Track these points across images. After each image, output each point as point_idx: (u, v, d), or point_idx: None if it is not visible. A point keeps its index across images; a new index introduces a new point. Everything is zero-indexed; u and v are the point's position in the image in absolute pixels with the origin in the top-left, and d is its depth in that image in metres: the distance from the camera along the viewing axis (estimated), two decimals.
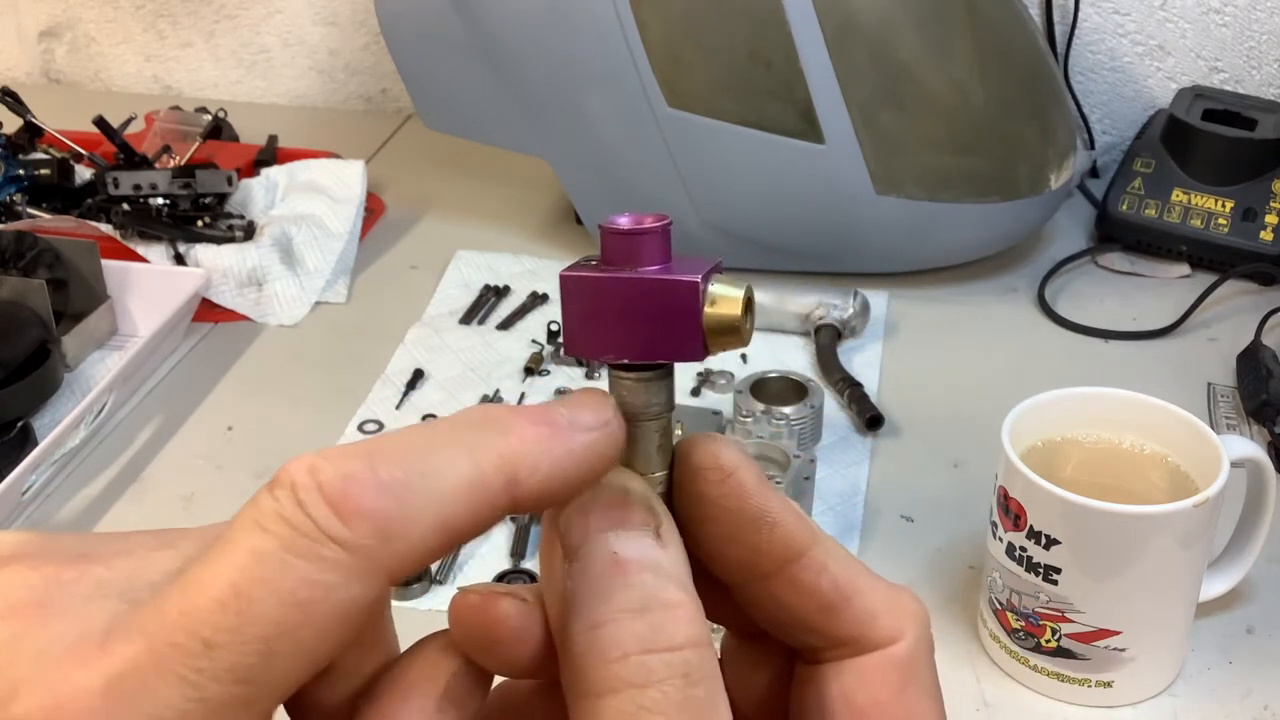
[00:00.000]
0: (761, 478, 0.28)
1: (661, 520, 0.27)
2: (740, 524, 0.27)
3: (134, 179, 1.06)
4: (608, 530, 0.26)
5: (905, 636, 0.28)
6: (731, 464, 0.27)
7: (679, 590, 0.25)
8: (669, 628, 0.25)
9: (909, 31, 1.00)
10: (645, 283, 0.27)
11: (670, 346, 0.27)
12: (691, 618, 0.25)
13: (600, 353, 0.28)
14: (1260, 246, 1.07)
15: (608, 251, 0.28)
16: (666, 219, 0.28)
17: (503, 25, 1.02)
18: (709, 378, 0.94)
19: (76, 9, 1.48)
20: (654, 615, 0.25)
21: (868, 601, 0.28)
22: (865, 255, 1.05)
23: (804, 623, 0.28)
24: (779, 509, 0.28)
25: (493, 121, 1.06)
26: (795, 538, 0.28)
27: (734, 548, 0.28)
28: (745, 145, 0.99)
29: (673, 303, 0.27)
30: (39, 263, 0.95)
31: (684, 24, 0.99)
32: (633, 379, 0.28)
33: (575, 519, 0.26)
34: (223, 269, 1.02)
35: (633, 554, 0.26)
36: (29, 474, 0.79)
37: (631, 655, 0.24)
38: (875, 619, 0.28)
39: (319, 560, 0.22)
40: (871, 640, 0.28)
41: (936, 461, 0.87)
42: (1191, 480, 0.68)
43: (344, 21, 1.42)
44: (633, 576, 0.25)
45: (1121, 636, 0.66)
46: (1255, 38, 1.22)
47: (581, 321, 0.28)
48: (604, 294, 0.27)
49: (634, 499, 0.27)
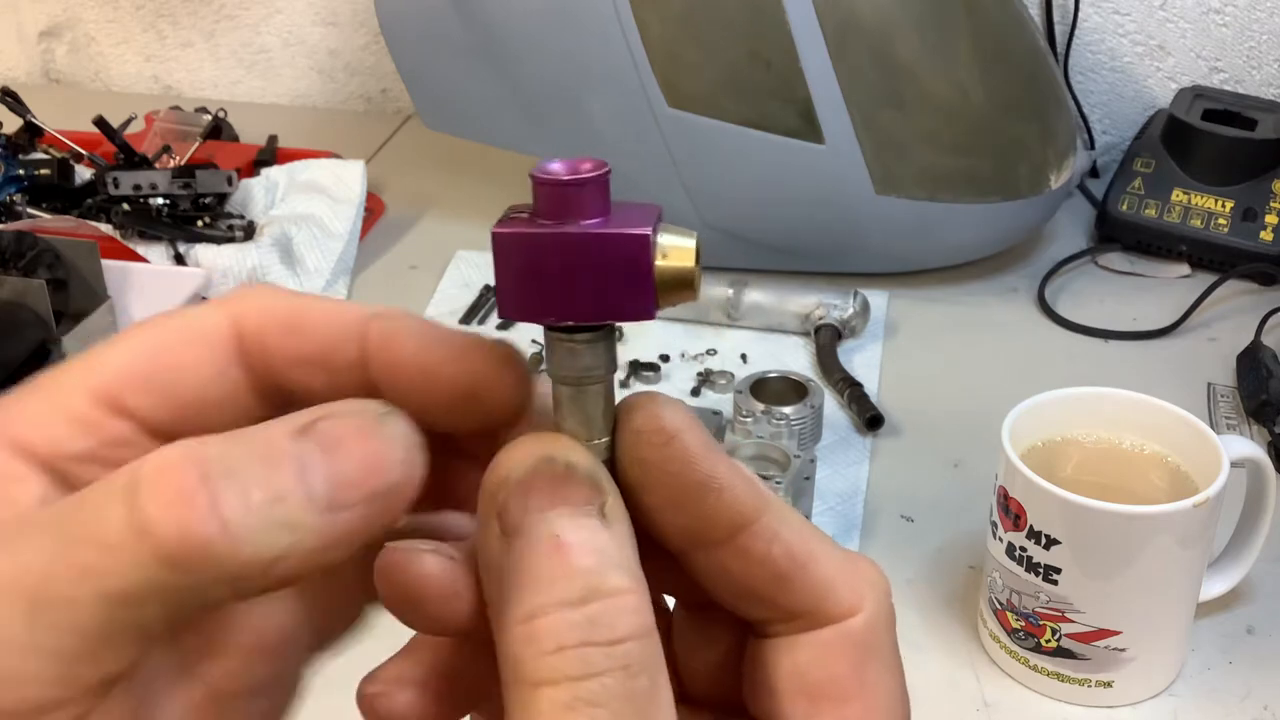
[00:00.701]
0: (707, 440, 0.26)
1: (607, 496, 0.25)
2: (685, 490, 0.26)
3: (134, 179, 1.06)
4: (549, 509, 0.24)
5: (863, 608, 0.27)
6: (674, 426, 0.26)
7: (623, 576, 0.24)
8: (611, 619, 0.23)
9: (909, 31, 1.00)
10: (591, 237, 0.25)
11: (619, 304, 0.25)
12: (635, 606, 0.24)
13: (541, 315, 0.25)
14: (1260, 246, 1.07)
15: (543, 203, 0.25)
16: (606, 165, 0.25)
17: (503, 25, 1.02)
18: (709, 377, 0.94)
19: (76, 9, 1.48)
20: (596, 606, 0.23)
21: (823, 571, 0.26)
22: (865, 255, 1.05)
23: (755, 593, 0.26)
24: (726, 474, 0.26)
25: (493, 121, 1.06)
26: (744, 504, 0.26)
27: (679, 515, 0.26)
28: (745, 145, 0.99)
29: (622, 257, 0.25)
30: (39, 263, 0.95)
31: (684, 24, 0.99)
32: (576, 341, 0.26)
33: (514, 495, 0.24)
34: (223, 269, 1.02)
35: (575, 537, 0.24)
36: None
37: (570, 649, 0.23)
38: (831, 589, 0.26)
39: None
40: (827, 612, 0.26)
41: (936, 461, 0.87)
42: (1191, 480, 0.68)
43: (344, 21, 1.42)
44: (574, 562, 0.24)
45: (1121, 636, 0.66)
46: (1255, 38, 1.22)
47: (520, 282, 0.25)
48: (545, 251, 0.25)
49: (578, 474, 0.25)
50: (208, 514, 0.21)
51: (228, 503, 0.21)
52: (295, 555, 0.22)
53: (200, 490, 0.21)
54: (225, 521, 0.21)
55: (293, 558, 0.22)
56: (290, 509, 0.22)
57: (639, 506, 0.26)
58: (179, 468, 0.21)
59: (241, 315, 0.25)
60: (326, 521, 0.22)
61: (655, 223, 0.25)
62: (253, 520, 0.21)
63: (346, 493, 0.23)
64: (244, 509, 0.21)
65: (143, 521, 0.21)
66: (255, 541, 0.21)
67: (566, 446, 0.25)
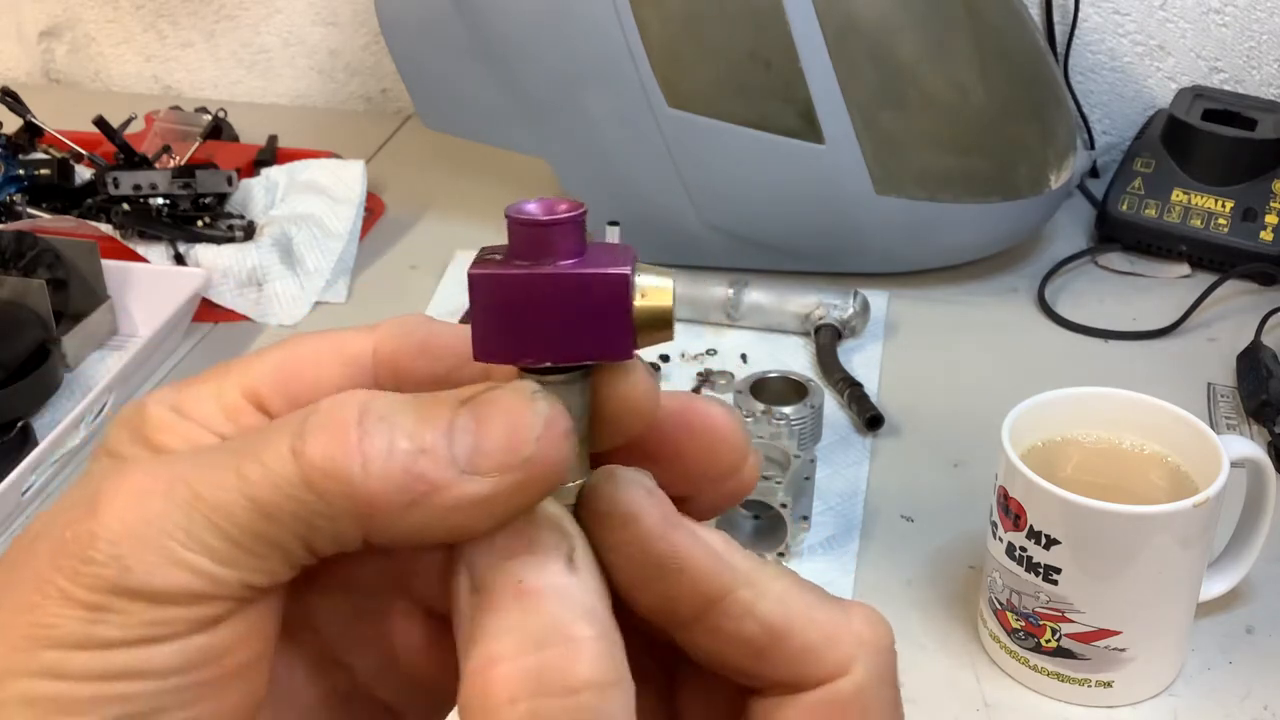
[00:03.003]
0: (669, 517, 0.25)
1: (575, 544, 0.24)
2: (644, 571, 0.25)
3: (134, 179, 1.06)
4: (513, 557, 0.24)
5: (852, 670, 0.25)
6: (630, 509, 0.25)
7: (587, 624, 0.23)
8: (566, 667, 0.22)
9: (909, 31, 1.00)
10: (571, 277, 0.25)
11: (598, 344, 0.25)
12: (596, 654, 0.23)
13: (519, 357, 0.25)
14: (1260, 246, 1.07)
15: (519, 243, 0.25)
16: (582, 206, 0.25)
17: (503, 25, 1.02)
18: (709, 378, 0.95)
19: (76, 9, 1.48)
20: (551, 653, 0.23)
21: (805, 637, 0.25)
22: (865, 255, 1.05)
23: (733, 669, 0.26)
24: (687, 553, 0.25)
25: (493, 121, 1.06)
26: (710, 582, 0.25)
27: (645, 596, 0.25)
28: (745, 145, 0.99)
29: (602, 297, 0.25)
30: (39, 263, 0.95)
31: (684, 24, 0.99)
32: (552, 382, 0.25)
33: (479, 547, 0.24)
34: (223, 269, 1.02)
35: (538, 581, 0.23)
36: (29, 474, 0.79)
37: (522, 700, 0.22)
38: (813, 656, 0.25)
39: None
40: (812, 678, 0.25)
41: (936, 461, 0.87)
42: (1191, 480, 0.68)
43: (344, 21, 1.42)
44: (533, 606, 0.23)
45: (1121, 636, 0.66)
46: (1255, 38, 1.22)
47: (497, 323, 0.25)
48: (524, 292, 0.25)
49: (542, 520, 0.24)
50: (353, 448, 0.23)
51: (373, 443, 0.23)
52: (426, 508, 0.23)
53: (353, 427, 0.23)
54: (366, 458, 0.23)
55: (424, 509, 0.23)
56: (430, 463, 0.23)
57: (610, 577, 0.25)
58: (343, 406, 0.24)
59: (382, 338, 0.27)
60: (462, 482, 0.23)
61: (632, 263, 0.25)
62: (392, 465, 0.23)
63: (484, 460, 0.24)
64: (386, 452, 0.23)
65: (300, 447, 0.23)
66: (390, 483, 0.23)
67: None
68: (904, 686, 0.29)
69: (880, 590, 0.76)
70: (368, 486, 0.23)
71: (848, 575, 0.77)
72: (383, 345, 0.27)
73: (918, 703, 0.69)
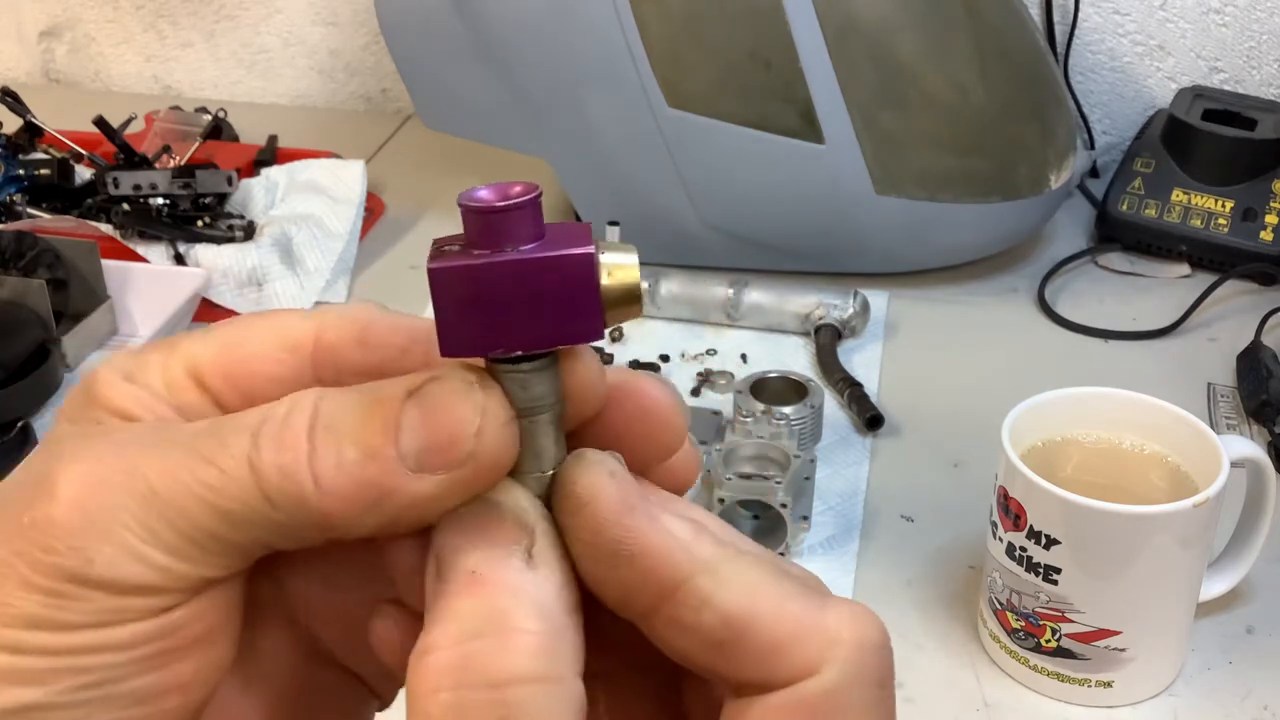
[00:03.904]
0: (627, 501, 0.24)
1: (536, 537, 0.24)
2: (598, 558, 0.24)
3: (134, 179, 1.06)
4: (473, 548, 0.24)
5: (821, 670, 0.23)
6: (589, 490, 0.24)
7: (533, 618, 0.23)
8: (494, 661, 0.22)
9: (909, 31, 1.00)
10: (535, 261, 0.24)
11: (567, 328, 0.24)
12: (533, 650, 0.22)
13: (489, 348, 0.24)
14: (1260, 246, 1.07)
15: (476, 232, 0.24)
16: (537, 187, 0.24)
17: (503, 25, 1.02)
18: (709, 378, 0.95)
19: (76, 9, 1.48)
20: (481, 644, 0.22)
21: (770, 633, 0.24)
22: (865, 255, 1.05)
23: (693, 662, 0.24)
24: (643, 538, 0.24)
25: (493, 121, 1.06)
26: (665, 570, 0.24)
27: (605, 585, 0.24)
28: (745, 145, 0.99)
29: (569, 279, 0.24)
30: (39, 263, 0.95)
31: (684, 24, 0.99)
32: (524, 371, 0.25)
33: (443, 534, 0.24)
34: (223, 269, 1.02)
35: (489, 573, 0.23)
36: None
37: (444, 690, 0.22)
38: (779, 653, 0.24)
39: None
40: (777, 677, 0.24)
41: (936, 461, 0.87)
42: (1191, 480, 0.68)
43: (344, 21, 1.42)
44: (480, 598, 0.23)
45: (1121, 636, 0.66)
46: (1255, 38, 1.22)
47: (461, 317, 0.24)
48: (488, 281, 0.24)
49: (504, 512, 0.24)
50: (304, 466, 0.24)
51: (323, 460, 0.24)
52: (380, 511, 0.24)
53: (304, 441, 0.24)
54: (318, 475, 0.24)
55: (378, 512, 0.24)
56: (379, 469, 0.24)
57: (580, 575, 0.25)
58: (295, 416, 0.24)
59: (324, 327, 0.27)
60: (412, 482, 0.24)
61: (594, 241, 0.24)
62: (343, 478, 0.24)
63: (431, 458, 0.24)
64: (335, 466, 0.24)
65: (257, 460, 0.24)
66: (343, 495, 0.24)
67: (501, 486, 0.25)
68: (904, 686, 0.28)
69: (880, 590, 0.76)
70: (322, 503, 0.24)
71: (848, 575, 0.77)
72: (324, 334, 0.27)
73: (918, 703, 0.69)
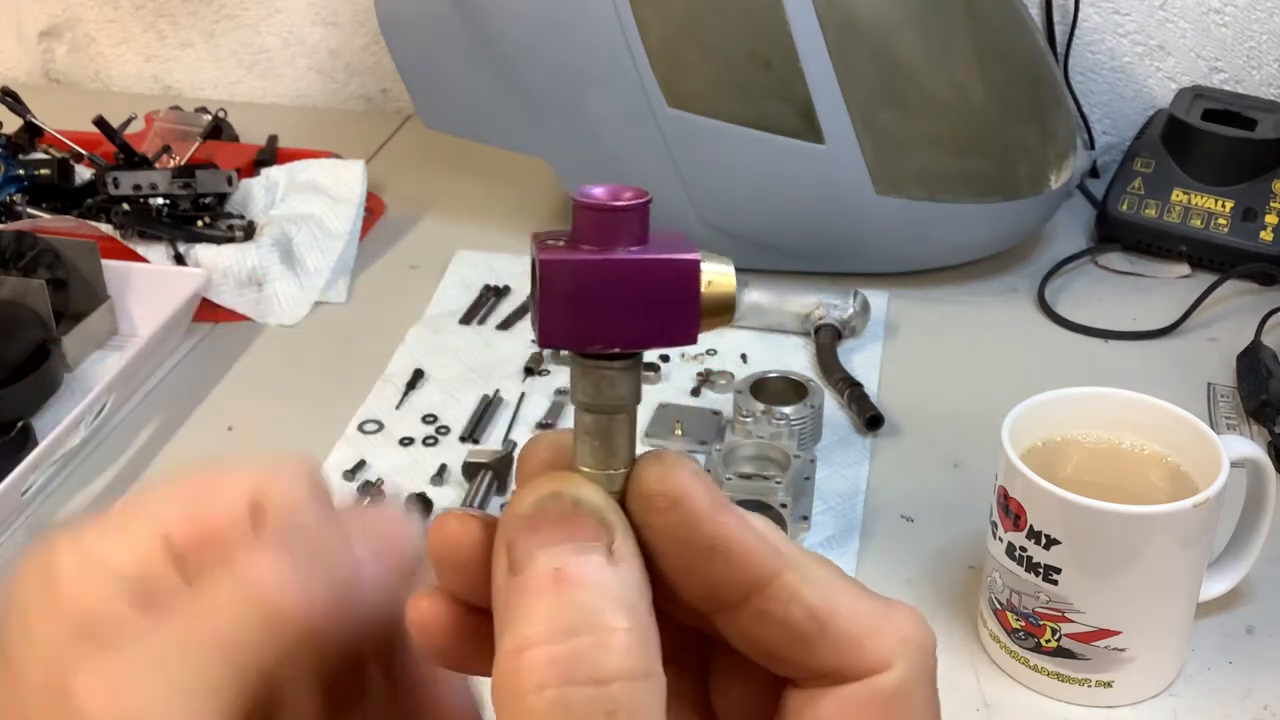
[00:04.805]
0: (715, 498, 0.25)
1: (616, 534, 0.25)
2: (692, 555, 0.25)
3: (134, 179, 1.06)
4: (553, 545, 0.24)
5: (894, 665, 0.25)
6: (679, 490, 0.25)
7: (622, 615, 0.23)
8: (597, 657, 0.22)
9: (909, 31, 1.00)
10: (644, 263, 0.25)
11: (664, 330, 0.25)
12: (628, 646, 0.23)
13: (587, 342, 0.25)
14: (1260, 246, 1.07)
15: (586, 228, 0.25)
16: (647, 194, 0.25)
17: (503, 25, 1.02)
18: (709, 378, 0.94)
19: (76, 9, 1.48)
20: (582, 641, 0.23)
21: (849, 627, 0.25)
22: (865, 255, 1.05)
23: (776, 655, 0.26)
24: (736, 534, 0.25)
25: (493, 121, 1.06)
26: (757, 565, 0.25)
27: (690, 580, 0.25)
28: (745, 145, 0.99)
29: (673, 283, 0.25)
30: (39, 263, 0.95)
31: (684, 24, 0.99)
32: (614, 369, 0.25)
33: (521, 530, 0.24)
34: (223, 269, 1.02)
35: (576, 572, 0.24)
36: (29, 474, 0.79)
37: (549, 688, 0.22)
38: (857, 647, 0.25)
39: None
40: (854, 669, 0.25)
41: (936, 461, 0.87)
42: (1191, 480, 0.68)
43: (344, 21, 1.42)
44: (569, 595, 0.23)
45: (1121, 636, 0.66)
46: (1255, 38, 1.22)
47: (566, 309, 0.25)
48: (597, 278, 0.24)
49: (584, 510, 0.25)
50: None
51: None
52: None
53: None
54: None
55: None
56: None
57: (652, 565, 0.25)
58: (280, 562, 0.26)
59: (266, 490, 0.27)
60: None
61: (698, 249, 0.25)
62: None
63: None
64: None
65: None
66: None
67: (576, 483, 0.25)
68: None
69: (880, 590, 0.75)
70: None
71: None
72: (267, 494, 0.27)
73: None
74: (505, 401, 0.93)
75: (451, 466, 0.85)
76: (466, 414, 0.91)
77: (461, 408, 0.92)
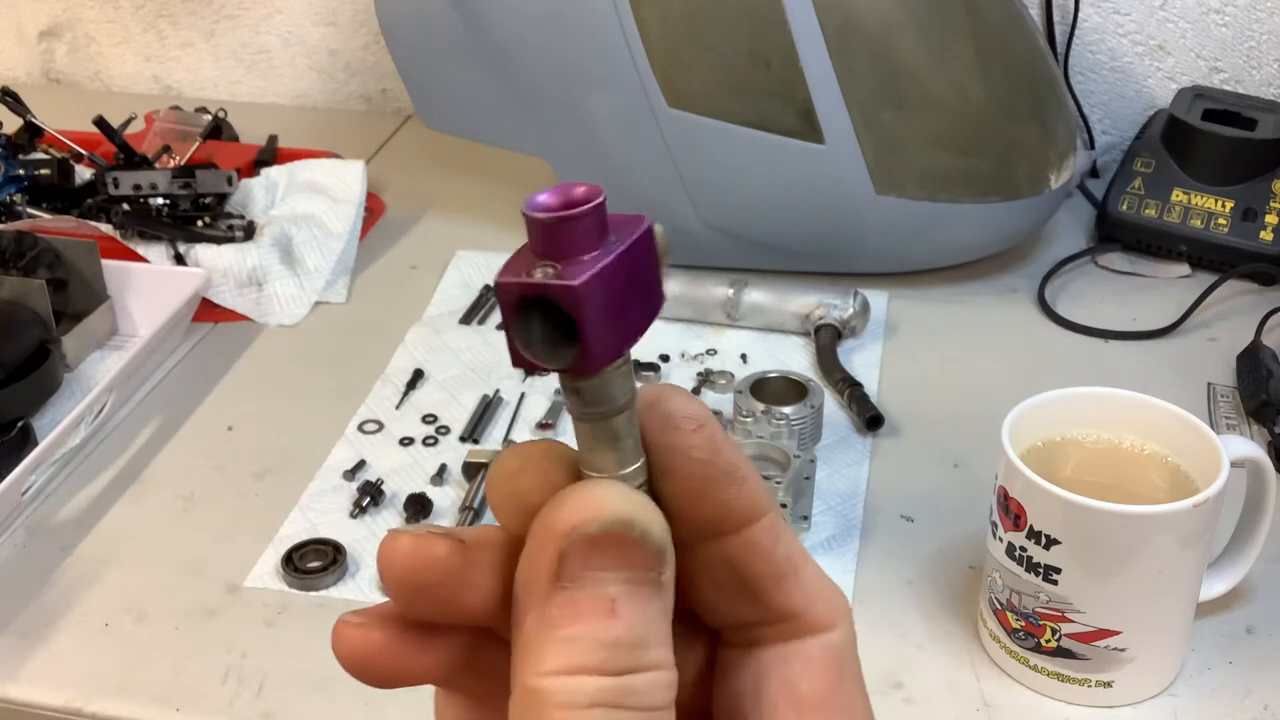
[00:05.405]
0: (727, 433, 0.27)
1: (667, 566, 0.25)
2: (710, 478, 0.26)
3: (134, 179, 1.06)
4: (611, 570, 0.25)
5: (839, 626, 0.28)
6: (703, 414, 0.26)
7: (663, 651, 0.25)
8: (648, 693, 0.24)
9: (909, 31, 1.00)
10: (635, 245, 0.25)
11: (653, 303, 0.26)
12: (669, 682, 0.25)
13: (622, 346, 0.25)
14: (1260, 246, 1.07)
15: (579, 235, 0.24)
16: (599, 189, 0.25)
17: (503, 25, 1.02)
18: (709, 378, 0.94)
19: (76, 9, 1.48)
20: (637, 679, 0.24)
21: (812, 580, 0.28)
22: (865, 255, 1.05)
23: (753, 589, 0.27)
24: (746, 465, 0.27)
25: (493, 121, 1.06)
26: (760, 497, 0.27)
27: (700, 503, 0.26)
28: (745, 145, 0.99)
29: (649, 252, 0.25)
30: (39, 263, 0.95)
31: (684, 24, 0.99)
32: (629, 361, 0.25)
33: (579, 547, 0.25)
34: (223, 269, 1.02)
35: (629, 605, 0.25)
36: (29, 474, 0.79)
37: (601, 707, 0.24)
38: (819, 598, 0.27)
39: None
40: (811, 620, 0.27)
41: (936, 461, 0.87)
42: (1191, 480, 0.68)
43: (344, 21, 1.42)
44: (623, 626, 0.24)
45: (1121, 636, 0.66)
46: (1255, 38, 1.22)
47: (608, 320, 0.24)
48: (620, 278, 0.24)
49: (651, 543, 0.25)
50: None
51: None
52: None
53: None
54: None
55: None
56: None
57: (660, 496, 0.26)
58: None
59: None
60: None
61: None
62: None
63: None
64: None
65: None
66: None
67: (646, 513, 0.25)
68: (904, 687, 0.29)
69: (880, 590, 0.76)
70: None
71: (848, 575, 0.77)
72: None
73: (917, 703, 0.69)
74: (505, 401, 0.93)
75: (451, 466, 0.85)
76: (466, 414, 0.91)
77: (461, 408, 0.92)
